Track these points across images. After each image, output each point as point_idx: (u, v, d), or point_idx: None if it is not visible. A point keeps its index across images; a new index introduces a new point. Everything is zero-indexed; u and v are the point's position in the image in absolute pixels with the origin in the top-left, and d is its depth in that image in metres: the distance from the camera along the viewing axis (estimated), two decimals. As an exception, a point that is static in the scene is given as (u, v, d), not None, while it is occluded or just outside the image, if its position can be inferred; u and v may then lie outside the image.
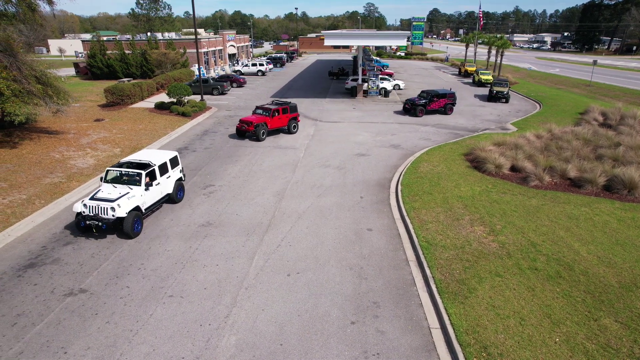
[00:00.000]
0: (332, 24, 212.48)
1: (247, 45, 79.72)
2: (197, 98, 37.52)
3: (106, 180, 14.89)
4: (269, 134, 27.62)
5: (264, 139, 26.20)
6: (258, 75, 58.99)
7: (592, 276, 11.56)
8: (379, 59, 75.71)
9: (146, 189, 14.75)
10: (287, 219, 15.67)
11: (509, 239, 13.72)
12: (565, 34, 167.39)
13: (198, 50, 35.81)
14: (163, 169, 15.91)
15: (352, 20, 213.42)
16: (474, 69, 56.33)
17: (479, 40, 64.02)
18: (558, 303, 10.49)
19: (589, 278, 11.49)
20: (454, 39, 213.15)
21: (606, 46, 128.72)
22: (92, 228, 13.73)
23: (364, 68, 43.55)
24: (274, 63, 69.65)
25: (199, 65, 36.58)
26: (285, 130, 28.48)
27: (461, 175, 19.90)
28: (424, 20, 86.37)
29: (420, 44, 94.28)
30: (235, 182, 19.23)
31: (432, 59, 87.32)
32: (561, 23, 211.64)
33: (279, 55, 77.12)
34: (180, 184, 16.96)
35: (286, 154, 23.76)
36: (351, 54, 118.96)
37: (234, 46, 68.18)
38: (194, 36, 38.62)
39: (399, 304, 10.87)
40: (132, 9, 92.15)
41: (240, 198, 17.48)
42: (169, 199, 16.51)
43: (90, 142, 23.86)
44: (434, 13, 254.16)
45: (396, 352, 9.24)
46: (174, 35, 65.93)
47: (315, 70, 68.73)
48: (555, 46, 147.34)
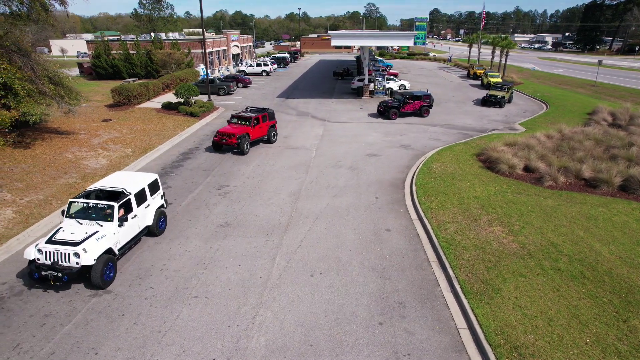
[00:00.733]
0: (333, 24, 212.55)
1: (251, 46, 79.68)
2: (203, 98, 37.51)
3: (69, 215, 12.00)
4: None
5: (247, 152, 23.44)
6: (262, 75, 58.99)
7: (617, 277, 11.56)
8: (381, 59, 75.65)
9: (120, 225, 11.99)
10: (305, 219, 15.66)
11: (529, 240, 13.71)
12: (567, 34, 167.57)
13: (205, 50, 35.79)
14: (140, 197, 13.24)
15: (353, 21, 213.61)
16: (482, 71, 55.10)
17: (483, 40, 64.00)
18: (585, 303, 10.49)
19: (613, 279, 11.49)
20: (454, 39, 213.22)
21: (608, 46, 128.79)
22: (49, 279, 10.73)
23: (369, 68, 43.54)
24: (278, 63, 69.64)
25: (206, 66, 36.51)
26: (265, 140, 25.87)
27: (475, 175, 19.90)
28: (427, 21, 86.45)
29: (423, 44, 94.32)
30: (250, 183, 19.22)
31: (435, 59, 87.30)
32: (561, 23, 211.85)
33: (282, 55, 77.14)
34: (161, 213, 14.24)
35: (297, 154, 23.75)
36: (353, 54, 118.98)
37: (238, 46, 68.19)
38: (201, 36, 38.66)
39: (425, 305, 10.87)
40: (135, 9, 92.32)
41: (256, 198, 17.47)
42: (148, 232, 13.82)
43: (101, 143, 23.84)
44: (435, 13, 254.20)
45: (426, 353, 9.23)
46: (177, 35, 65.92)
47: (319, 71, 68.73)
48: (556, 46, 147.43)
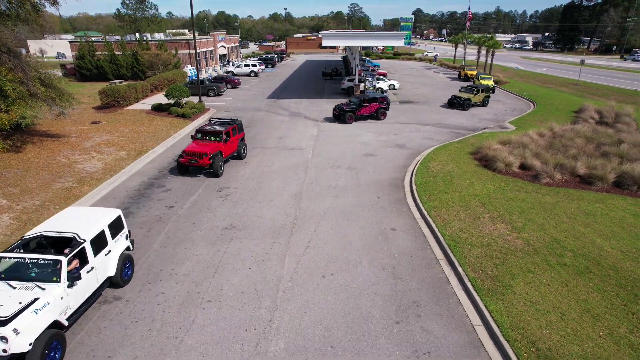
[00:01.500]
0: (317, 24, 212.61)
1: (237, 46, 79.14)
2: (194, 99, 37.08)
3: None
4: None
5: (222, 174, 19.94)
6: (251, 76, 58.63)
7: (621, 270, 11.87)
8: (368, 59, 76.03)
9: (71, 285, 9.26)
10: (310, 220, 15.63)
11: (532, 236, 13.97)
12: (546, 34, 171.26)
13: (196, 50, 35.37)
14: (99, 242, 10.56)
15: (337, 21, 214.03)
16: (474, 72, 54.37)
17: (468, 40, 64.87)
18: (594, 298, 10.74)
19: (618, 272, 11.79)
20: (437, 39, 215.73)
21: (586, 46, 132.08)
22: None
23: (359, 68, 43.69)
24: (265, 64, 69.36)
25: (197, 66, 36.10)
26: (235, 157, 22.25)
27: (472, 173, 20.16)
28: (412, 21, 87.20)
29: (409, 44, 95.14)
30: (250, 184, 19.09)
31: (421, 59, 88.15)
32: (540, 23, 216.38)
33: (270, 55, 76.88)
34: (126, 258, 11.49)
35: (294, 155, 23.69)
36: (339, 54, 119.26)
37: (225, 47, 67.64)
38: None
39: (439, 303, 10.97)
40: (118, 9, 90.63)
41: (258, 200, 17.36)
42: (110, 283, 11.08)
43: (94, 146, 23.34)
44: (417, 13, 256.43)
45: (446, 350, 9.32)
46: (162, 36, 64.99)
47: (307, 71, 68.67)
48: (537, 46, 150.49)
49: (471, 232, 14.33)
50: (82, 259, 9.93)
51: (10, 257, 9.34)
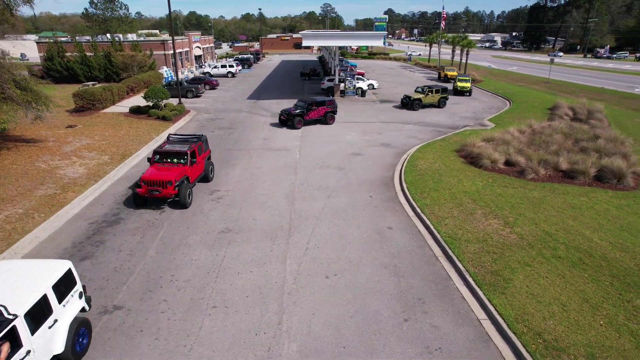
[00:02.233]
0: (290, 24, 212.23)
1: (212, 47, 77.99)
2: (172, 101, 36.30)
3: None
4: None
5: (190, 204, 16.53)
6: (228, 76, 57.88)
7: (612, 261, 12.37)
8: (345, 59, 76.38)
9: None
10: (305, 221, 15.57)
11: (525, 230, 14.37)
12: (514, 33, 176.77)
13: (175, 51, 34.63)
14: (39, 313, 8.01)
15: (310, 21, 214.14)
16: (455, 73, 52.69)
17: (443, 40, 66.14)
18: (590, 288, 11.15)
19: (609, 263, 12.28)
20: (409, 39, 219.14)
21: (552, 45, 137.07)
22: None
23: (339, 68, 43.85)
24: (242, 64, 68.65)
25: (176, 67, 35.37)
26: (202, 179, 18.77)
27: (460, 171, 20.56)
28: (386, 21, 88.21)
29: (384, 44, 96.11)
30: (241, 186, 18.84)
31: (395, 59, 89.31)
32: (507, 23, 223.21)
33: (246, 56, 76.13)
34: (82, 322, 9.04)
35: (281, 156, 23.54)
36: (313, 54, 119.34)
37: (200, 47, 66.53)
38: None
39: (443, 299, 11.14)
40: (86, 9, 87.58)
41: (251, 202, 17.16)
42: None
43: (74, 150, 22.50)
44: (389, 13, 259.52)
45: (456, 345, 9.47)
46: (135, 36, 63.35)
47: (284, 71, 68.40)
48: (505, 45, 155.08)
49: (466, 229, 14.62)
50: (14, 341, 7.29)
51: None
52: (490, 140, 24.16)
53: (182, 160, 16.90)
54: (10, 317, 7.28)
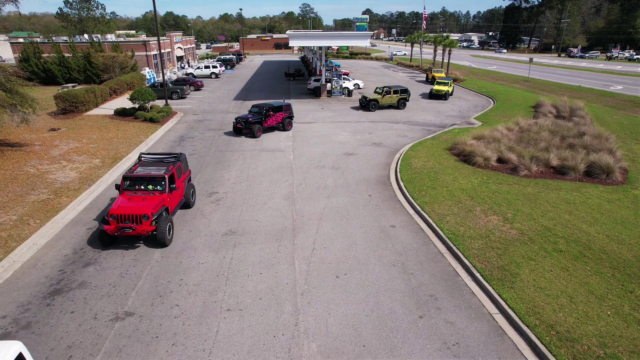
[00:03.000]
0: (269, 24, 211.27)
1: (193, 47, 76.92)
2: (158, 103, 35.68)
3: None
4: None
5: (170, 242, 13.74)
6: (212, 77, 57.21)
7: (611, 253, 12.81)
8: (330, 59, 76.55)
9: None
10: (309, 221, 15.56)
11: (524, 226, 14.73)
12: (490, 33, 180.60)
13: (160, 52, 34.00)
14: None
15: (289, 21, 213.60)
16: (442, 74, 51.92)
17: (424, 40, 66.94)
18: (594, 280, 11.51)
19: (609, 255, 12.71)
20: (387, 39, 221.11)
21: (527, 45, 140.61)
22: None
23: (325, 69, 43.93)
24: (225, 65, 67.98)
25: (162, 68, 34.75)
26: (183, 205, 16.24)
27: (454, 169, 20.90)
28: (367, 21, 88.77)
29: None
30: (239, 188, 18.68)
31: (377, 59, 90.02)
32: (483, 23, 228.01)
33: (229, 57, 75.36)
34: None
35: (276, 157, 23.45)
36: (294, 54, 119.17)
37: (182, 48, 65.53)
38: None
39: (454, 295, 11.32)
40: (61, 8, 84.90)
41: (251, 203, 17.03)
42: None
43: (62, 154, 21.86)
44: (367, 13, 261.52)
45: (472, 340, 9.64)
46: (113, 37, 61.92)
47: (268, 72, 68.06)
48: (482, 45, 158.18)
49: (467, 225, 14.88)
50: None
51: None
52: (481, 138, 24.65)
53: (159, 187, 14.00)
54: None
